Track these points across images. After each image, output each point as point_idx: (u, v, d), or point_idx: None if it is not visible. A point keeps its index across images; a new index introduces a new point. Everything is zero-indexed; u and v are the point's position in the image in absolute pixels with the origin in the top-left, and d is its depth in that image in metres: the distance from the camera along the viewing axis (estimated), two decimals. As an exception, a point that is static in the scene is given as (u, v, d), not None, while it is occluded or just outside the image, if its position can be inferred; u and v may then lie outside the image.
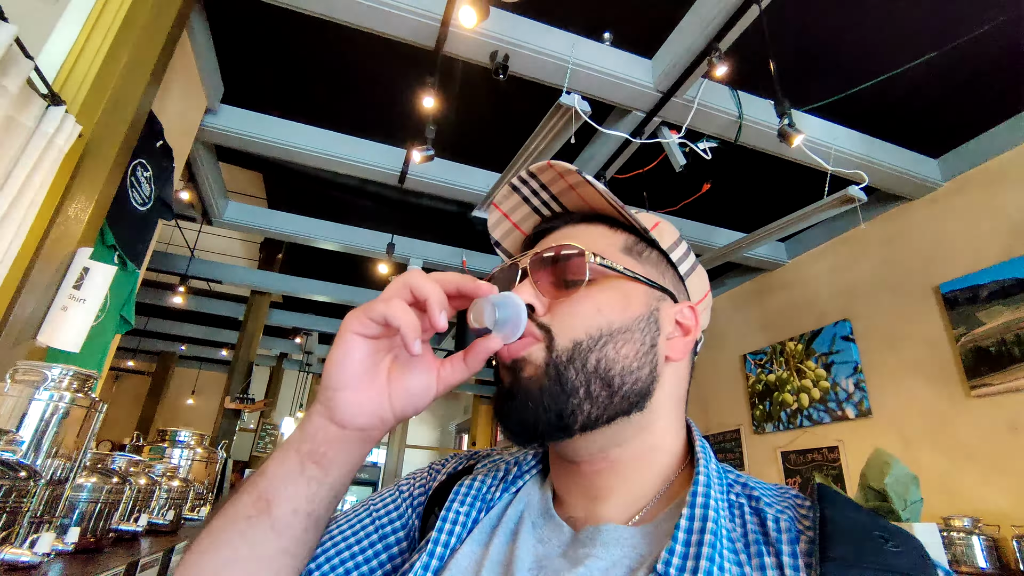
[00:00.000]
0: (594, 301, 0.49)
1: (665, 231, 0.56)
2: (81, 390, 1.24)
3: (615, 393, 0.47)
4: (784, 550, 0.41)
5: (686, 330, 0.53)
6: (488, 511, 0.53)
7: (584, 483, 0.51)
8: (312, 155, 3.38)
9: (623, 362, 0.47)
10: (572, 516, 0.51)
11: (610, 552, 0.44)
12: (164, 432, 2.56)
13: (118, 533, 1.49)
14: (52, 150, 1.59)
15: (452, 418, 12.51)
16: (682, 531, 0.42)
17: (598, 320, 0.48)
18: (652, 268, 0.53)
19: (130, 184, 2.27)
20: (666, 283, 0.53)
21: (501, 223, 0.60)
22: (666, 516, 0.47)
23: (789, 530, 0.42)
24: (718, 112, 2.82)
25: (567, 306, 0.49)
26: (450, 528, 0.51)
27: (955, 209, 3.25)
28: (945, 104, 3.07)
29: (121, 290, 2.33)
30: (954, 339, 3.09)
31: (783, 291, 4.43)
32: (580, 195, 0.55)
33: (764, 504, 0.45)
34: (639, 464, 0.50)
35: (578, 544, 0.46)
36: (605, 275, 0.50)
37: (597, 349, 0.46)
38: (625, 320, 0.48)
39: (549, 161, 0.53)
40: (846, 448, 3.61)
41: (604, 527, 0.46)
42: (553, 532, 0.49)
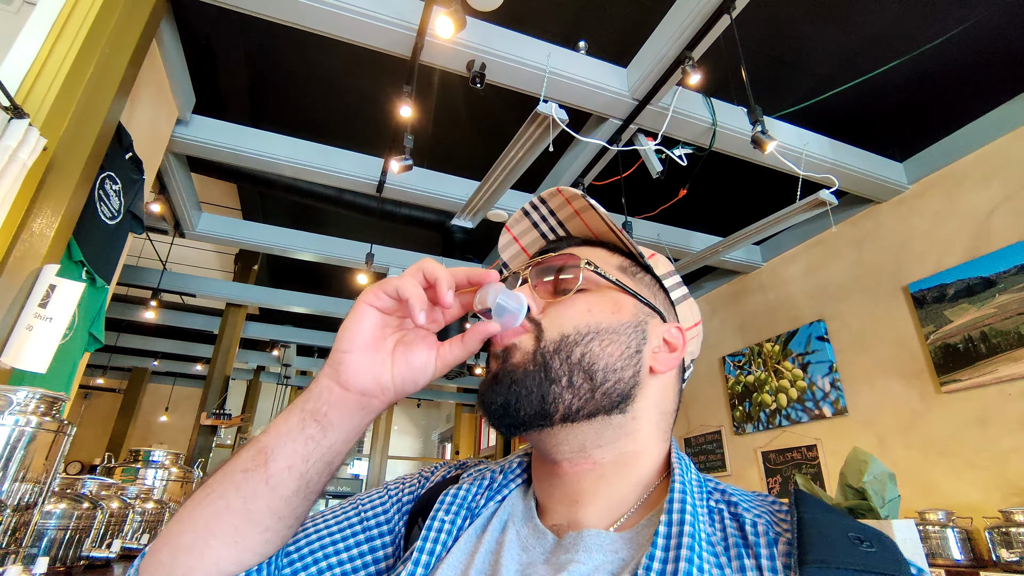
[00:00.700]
0: (586, 302, 0.52)
1: (660, 262, 0.59)
2: (48, 413, 1.20)
3: (597, 388, 0.48)
4: (763, 553, 0.42)
5: (672, 347, 0.55)
6: (473, 520, 0.54)
7: (566, 487, 0.52)
8: (287, 165, 3.33)
9: (607, 359, 0.49)
10: (555, 524, 0.51)
11: (592, 557, 0.45)
12: (137, 452, 2.48)
13: (89, 560, 1.43)
14: (15, 164, 1.54)
15: (435, 428, 12.41)
16: (661, 536, 0.43)
17: (587, 318, 0.50)
18: (645, 289, 0.56)
19: (98, 197, 2.21)
20: (657, 304, 0.56)
21: (510, 246, 0.64)
22: (646, 523, 0.48)
23: (767, 533, 0.44)
24: (693, 119, 2.87)
25: (559, 305, 0.52)
26: (435, 536, 0.51)
27: (921, 211, 3.35)
28: (909, 109, 3.18)
29: (90, 306, 2.26)
30: (924, 337, 3.18)
31: (759, 293, 4.51)
32: (584, 221, 0.58)
33: (742, 509, 0.47)
34: (621, 469, 0.51)
35: (560, 550, 0.47)
36: (598, 284, 0.53)
37: (583, 343, 0.49)
38: (612, 322, 0.51)
39: (558, 187, 0.56)
40: (824, 446, 3.68)
41: (586, 532, 0.47)
42: (537, 540, 0.50)
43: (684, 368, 0.60)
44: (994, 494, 2.73)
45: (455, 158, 3.74)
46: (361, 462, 11.07)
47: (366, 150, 3.49)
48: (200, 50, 2.94)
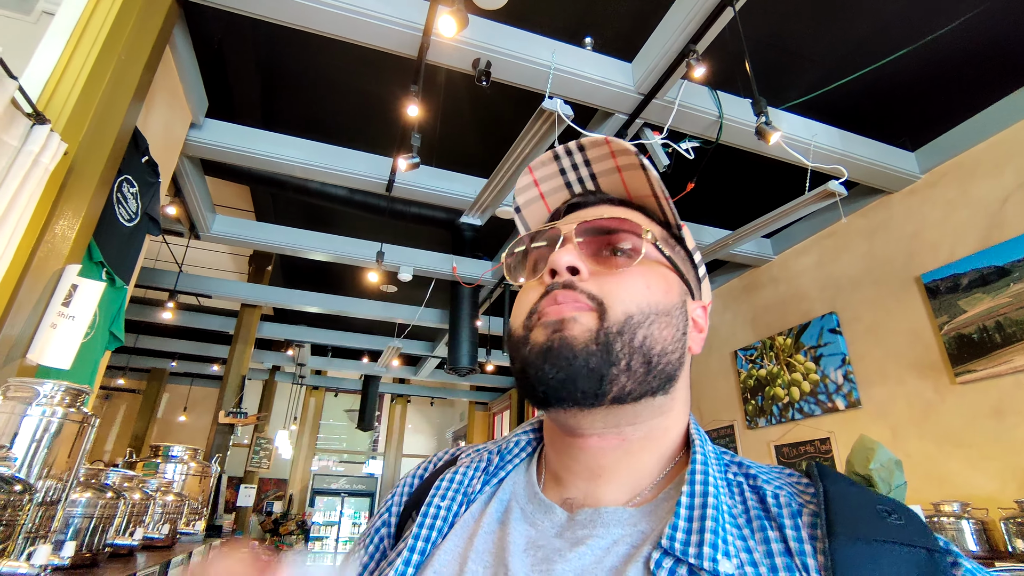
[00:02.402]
0: (644, 278, 0.48)
1: (687, 234, 0.57)
2: (73, 405, 1.25)
3: (651, 371, 0.46)
4: (787, 523, 0.42)
5: (699, 328, 0.55)
6: (470, 505, 0.53)
7: (588, 460, 0.50)
8: (298, 166, 3.39)
9: (663, 343, 0.47)
10: (568, 498, 0.50)
11: (611, 532, 0.44)
12: (157, 448, 2.55)
13: (114, 548, 1.49)
14: (38, 169, 1.60)
15: (449, 425, 12.48)
16: (683, 507, 0.42)
17: (648, 297, 0.47)
18: (682, 264, 0.54)
19: (116, 200, 2.27)
20: (690, 280, 0.55)
21: (529, 189, 0.59)
22: (665, 496, 0.47)
23: (789, 504, 0.43)
24: (699, 112, 2.87)
25: (616, 278, 0.48)
26: (431, 523, 0.50)
27: (933, 200, 3.32)
28: (920, 97, 3.15)
29: (110, 306, 2.33)
30: (937, 328, 3.15)
31: (771, 286, 4.49)
32: (624, 180, 0.54)
33: (762, 481, 0.46)
34: (648, 444, 0.50)
35: (576, 526, 0.46)
36: (652, 257, 0.51)
37: (646, 326, 0.46)
38: (667, 303, 0.49)
39: (607, 137, 0.52)
40: (837, 439, 3.65)
41: (604, 510, 0.46)
42: (544, 515, 0.49)
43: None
44: (1010, 485, 2.70)
45: (463, 156, 3.78)
46: (376, 461, 11.18)
47: (375, 150, 3.54)
48: (212, 55, 3.01)
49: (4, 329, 1.57)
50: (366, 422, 9.31)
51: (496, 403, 10.82)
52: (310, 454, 10.42)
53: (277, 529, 5.60)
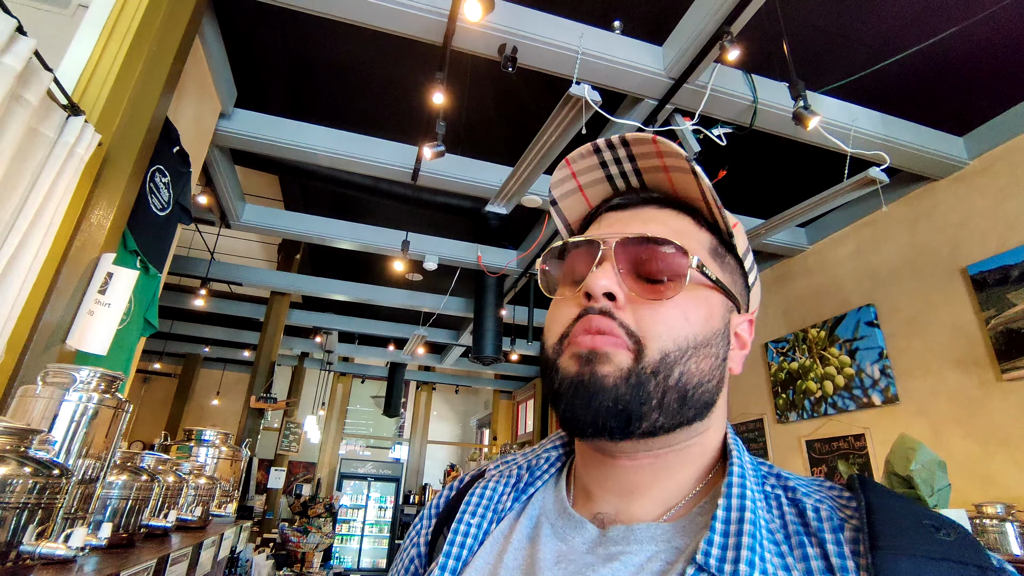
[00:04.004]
0: (682, 308, 0.45)
1: (740, 235, 0.52)
2: (108, 391, 1.28)
3: (686, 404, 0.45)
4: (828, 538, 0.40)
5: (743, 344, 0.52)
6: (500, 521, 0.52)
7: (620, 478, 0.49)
8: (325, 155, 3.41)
9: (700, 376, 0.45)
10: (599, 513, 0.49)
11: (645, 548, 0.43)
12: (190, 432, 2.62)
13: (149, 529, 1.53)
14: (73, 159, 1.63)
15: (473, 413, 12.59)
16: (719, 521, 0.41)
17: (686, 330, 0.45)
18: (730, 274, 0.51)
19: (149, 190, 2.32)
20: (736, 292, 0.51)
21: (566, 182, 0.54)
22: (701, 509, 0.45)
23: (831, 519, 0.41)
24: (732, 97, 2.77)
25: (654, 310, 0.45)
26: (461, 541, 0.50)
27: (982, 188, 3.15)
28: (970, 79, 2.98)
29: (144, 294, 2.39)
30: (983, 322, 3.00)
31: (804, 277, 4.35)
32: (671, 179, 0.50)
33: (801, 494, 0.44)
34: (683, 462, 0.48)
35: (608, 542, 0.45)
36: (696, 280, 0.47)
37: (683, 362, 0.44)
38: (707, 333, 0.46)
39: (654, 136, 0.48)
40: (872, 436, 3.54)
41: (637, 526, 0.45)
42: (575, 530, 0.48)
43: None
44: (1060, 487, 2.57)
45: (488, 145, 3.74)
46: (402, 447, 11.36)
47: (401, 139, 3.53)
48: (241, 45, 3.03)
49: (44, 316, 1.62)
50: (392, 408, 9.45)
51: (520, 392, 10.85)
52: (338, 439, 10.65)
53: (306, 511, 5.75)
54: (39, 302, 1.63)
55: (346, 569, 8.66)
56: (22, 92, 1.44)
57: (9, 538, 0.81)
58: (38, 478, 0.91)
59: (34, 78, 1.47)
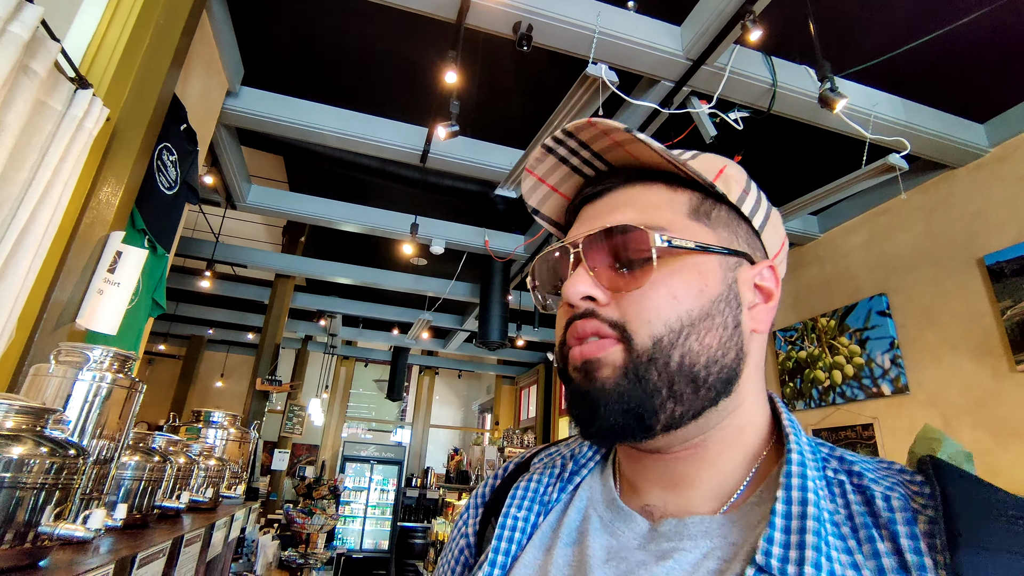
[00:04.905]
0: (667, 287, 0.42)
1: (732, 178, 0.48)
2: (121, 371, 1.25)
3: (700, 388, 0.42)
4: (900, 531, 0.36)
5: (767, 295, 0.47)
6: (547, 514, 0.50)
7: (661, 470, 0.46)
8: (333, 135, 3.36)
9: (707, 353, 0.42)
10: (648, 504, 0.46)
11: (699, 544, 0.41)
12: (199, 413, 2.61)
13: (161, 510, 1.52)
14: (82, 133, 1.59)
15: (475, 398, 12.64)
16: (779, 516, 0.38)
17: (676, 309, 0.42)
18: (723, 229, 0.46)
19: (157, 168, 2.28)
20: (740, 244, 0.46)
21: (537, 189, 0.53)
22: (757, 499, 0.42)
23: (904, 509, 0.37)
24: (750, 80, 2.71)
25: (636, 296, 0.43)
26: (509, 535, 0.48)
27: (1003, 176, 3.09)
28: (993, 65, 2.90)
29: (152, 274, 2.36)
30: (999, 312, 2.96)
31: (815, 266, 4.31)
32: (629, 152, 0.47)
33: (869, 480, 0.40)
34: (725, 449, 0.45)
35: (660, 538, 0.43)
36: (674, 253, 0.43)
37: (680, 344, 0.41)
38: (704, 304, 0.42)
39: (589, 119, 0.45)
40: (881, 425, 3.53)
41: (689, 520, 0.43)
42: (625, 524, 0.46)
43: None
44: (1073, 480, 2.56)
45: (499, 127, 3.68)
46: (404, 430, 11.42)
47: (410, 119, 3.47)
48: (248, 21, 2.96)
49: (54, 294, 1.59)
50: (395, 392, 9.48)
51: (523, 378, 10.88)
52: (341, 422, 10.71)
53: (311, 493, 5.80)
54: (48, 280, 1.60)
55: (349, 550, 8.76)
56: (29, 62, 1.39)
57: (28, 519, 0.79)
58: (55, 458, 0.89)
59: (41, 48, 1.42)
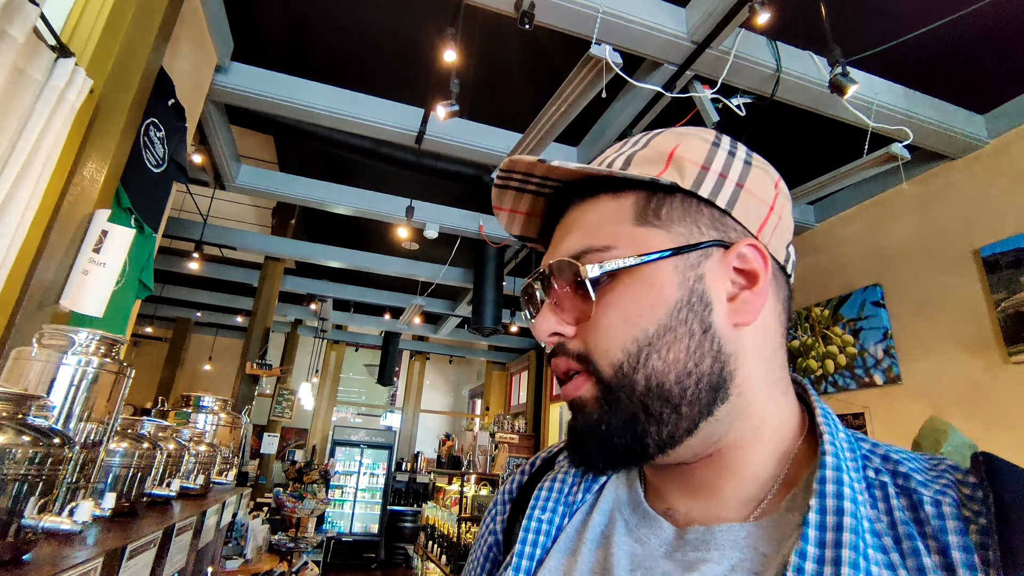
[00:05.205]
0: (618, 310, 0.41)
1: (685, 159, 0.43)
2: (109, 355, 1.20)
3: (680, 404, 0.39)
4: (952, 542, 0.33)
5: (752, 275, 0.41)
6: (572, 515, 0.49)
7: (684, 478, 0.44)
8: (326, 114, 3.26)
9: (675, 369, 0.39)
10: (672, 508, 0.45)
11: (727, 555, 0.38)
12: (188, 397, 2.55)
13: (151, 498, 1.47)
14: (64, 105, 1.51)
15: (466, 384, 12.64)
16: (812, 527, 0.35)
17: (629, 332, 0.40)
18: (679, 224, 0.42)
19: (143, 144, 2.19)
20: (703, 233, 0.42)
21: (512, 219, 0.52)
22: (789, 503, 0.39)
23: (956, 517, 0.34)
24: (754, 64, 2.66)
25: (592, 326, 0.42)
26: (533, 539, 0.47)
27: (1000, 168, 3.08)
28: (996, 55, 2.87)
29: (139, 254, 2.28)
30: (993, 304, 2.98)
31: (810, 255, 4.30)
32: (562, 173, 0.45)
33: (916, 483, 0.36)
34: (745, 452, 0.42)
35: (687, 546, 0.41)
36: (618, 274, 0.41)
37: (642, 366, 0.40)
38: (659, 318, 0.40)
39: (510, 158, 0.45)
40: (872, 414, 3.56)
41: (717, 528, 0.40)
42: (651, 530, 0.44)
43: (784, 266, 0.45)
44: (1060, 470, 2.59)
45: (497, 109, 3.60)
46: (394, 415, 11.41)
47: (407, 100, 3.38)
48: (238, -8, 2.85)
49: (37, 274, 1.52)
50: (386, 377, 9.45)
51: (514, 364, 10.88)
52: (331, 406, 10.67)
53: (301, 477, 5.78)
54: (30, 259, 1.53)
55: (339, 533, 8.78)
56: (6, 27, 1.31)
57: (10, 511, 0.75)
58: (38, 447, 0.84)
59: (18, 12, 1.34)
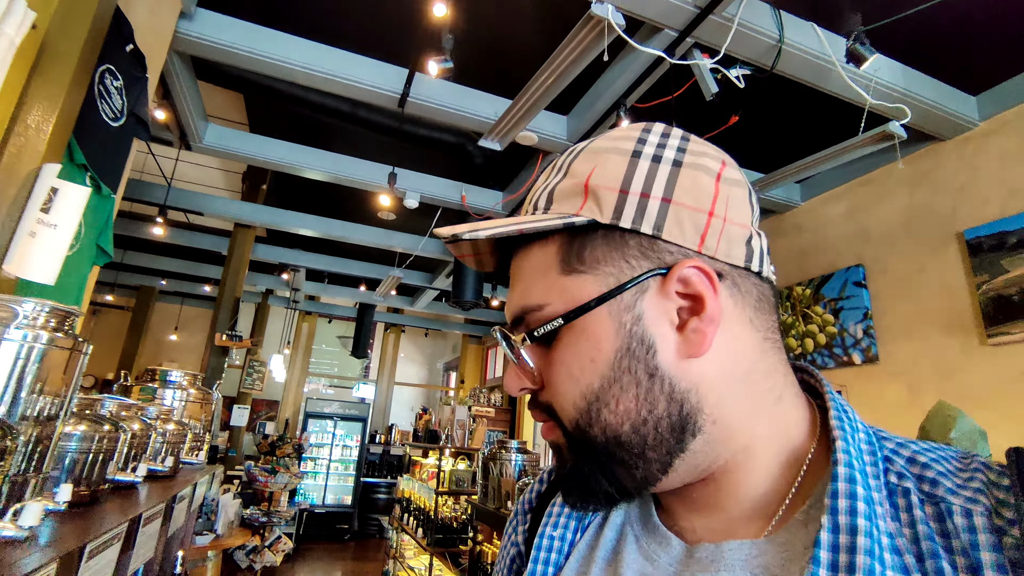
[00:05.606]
0: (563, 366, 0.40)
1: (601, 185, 0.39)
2: (61, 328, 1.06)
3: (644, 451, 0.38)
4: (985, 560, 0.29)
5: (697, 300, 0.38)
6: (584, 530, 0.48)
7: (687, 498, 0.43)
8: (301, 71, 3.03)
9: (629, 419, 0.38)
10: (682, 525, 0.43)
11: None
12: (154, 371, 2.39)
13: (115, 484, 1.35)
14: (2, 41, 1.32)
15: (440, 356, 12.57)
16: (824, 548, 0.32)
17: (578, 388, 0.39)
18: (605, 263, 0.39)
19: (99, 94, 1.98)
20: (633, 267, 0.39)
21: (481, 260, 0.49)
22: (803, 517, 0.37)
23: (988, 529, 0.30)
24: (756, 34, 2.55)
25: (547, 382, 0.42)
26: (545, 557, 0.47)
27: (989, 151, 3.08)
28: (992, 35, 2.83)
29: (97, 217, 2.09)
30: (975, 287, 3.01)
31: (793, 234, 4.30)
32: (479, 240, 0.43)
33: (945, 490, 0.33)
34: (739, 473, 0.39)
35: (695, 565, 0.39)
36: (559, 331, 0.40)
37: (595, 422, 0.39)
38: (602, 372, 0.38)
39: (435, 231, 0.45)
40: (849, 393, 3.61)
41: (727, 546, 0.38)
42: (661, 547, 0.42)
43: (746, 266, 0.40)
44: (1031, 449, 2.67)
45: (486, 72, 3.41)
46: (367, 386, 11.29)
47: (391, 59, 3.17)
48: (203, -71, 2.59)
49: (-26, 235, 1.35)
50: (360, 350, 9.29)
51: (491, 338, 10.83)
52: (303, 378, 10.48)
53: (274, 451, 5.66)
54: (-34, 218, 1.35)
55: (311, 505, 8.72)
56: (-75, -59, 1.11)
57: (-63, 519, 0.63)
58: (-26, 439, 0.71)
59: (-59, -75, 1.14)
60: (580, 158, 0.42)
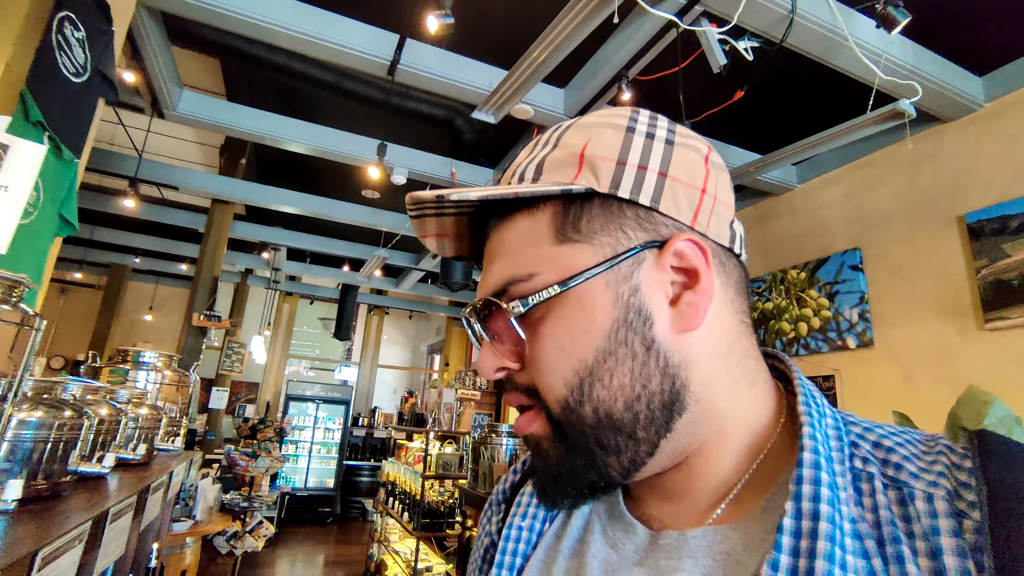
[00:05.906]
0: (552, 339, 0.39)
1: (598, 155, 0.39)
2: (8, 300, 0.91)
3: (635, 431, 0.38)
4: (946, 545, 0.29)
5: (692, 273, 0.38)
6: (552, 520, 0.48)
7: (655, 485, 0.42)
8: (284, 33, 2.82)
9: (623, 396, 0.37)
10: (648, 512, 0.43)
11: (699, 563, 0.36)
12: (125, 352, 2.23)
13: (79, 475, 1.21)
14: (-65, -31, 1.14)
15: (424, 339, 12.44)
16: (786, 534, 0.32)
17: (569, 363, 0.38)
18: (602, 232, 0.38)
19: (57, 44, 1.78)
20: (630, 238, 0.38)
21: (443, 243, 0.47)
22: (767, 504, 0.37)
23: (948, 513, 0.30)
24: (767, 1, 2.44)
25: (532, 358, 0.40)
26: (513, 547, 0.47)
27: (994, 133, 3.03)
28: (1000, 15, 2.76)
29: (58, 183, 1.90)
30: (974, 271, 2.98)
31: (788, 217, 4.25)
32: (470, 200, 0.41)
33: (908, 474, 0.33)
34: (714, 456, 0.40)
35: (659, 552, 0.39)
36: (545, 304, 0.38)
37: (587, 399, 0.38)
38: (596, 344, 0.37)
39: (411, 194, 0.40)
40: (842, 377, 3.60)
41: (690, 534, 0.38)
42: (626, 535, 0.42)
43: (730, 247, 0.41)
44: (1027, 433, 2.66)
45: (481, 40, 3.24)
46: (350, 369, 11.13)
47: (380, 22, 2.97)
48: None
49: (-92, 194, 1.18)
50: (343, 332, 9.11)
51: (475, 320, 10.73)
52: (283, 360, 10.28)
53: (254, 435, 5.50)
54: (-101, 175, 1.18)
55: (293, 488, 8.61)
56: None
57: None
58: None
59: None
60: (571, 131, 0.42)
